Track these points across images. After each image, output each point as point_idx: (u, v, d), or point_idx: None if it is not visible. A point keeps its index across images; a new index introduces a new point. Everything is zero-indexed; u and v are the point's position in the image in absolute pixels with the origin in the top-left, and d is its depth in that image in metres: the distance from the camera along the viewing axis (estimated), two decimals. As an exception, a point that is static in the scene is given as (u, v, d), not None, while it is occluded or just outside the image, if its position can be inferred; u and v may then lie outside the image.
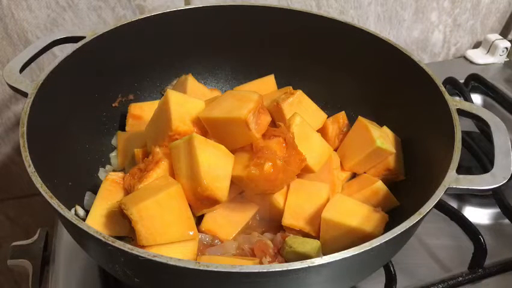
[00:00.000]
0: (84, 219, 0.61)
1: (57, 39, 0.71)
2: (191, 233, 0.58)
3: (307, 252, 0.59)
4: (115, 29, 0.73)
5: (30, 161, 0.52)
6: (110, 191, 0.63)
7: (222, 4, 0.81)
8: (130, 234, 0.59)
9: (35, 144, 0.55)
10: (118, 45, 0.75)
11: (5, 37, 0.82)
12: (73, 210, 0.64)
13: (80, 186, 0.68)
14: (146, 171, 0.62)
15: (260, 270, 0.43)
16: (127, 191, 0.63)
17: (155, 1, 0.87)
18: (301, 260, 0.44)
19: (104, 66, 0.74)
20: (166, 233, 0.56)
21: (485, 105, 1.02)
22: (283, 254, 0.60)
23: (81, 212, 0.65)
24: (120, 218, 0.58)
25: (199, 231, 0.63)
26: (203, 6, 0.80)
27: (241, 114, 0.60)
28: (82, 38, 0.70)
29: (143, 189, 0.59)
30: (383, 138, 0.70)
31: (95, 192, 0.66)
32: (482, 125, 0.64)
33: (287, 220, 0.64)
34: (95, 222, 0.60)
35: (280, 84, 0.85)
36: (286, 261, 0.53)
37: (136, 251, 0.43)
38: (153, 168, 0.62)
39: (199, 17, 0.80)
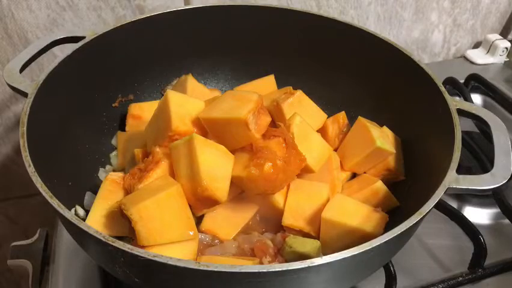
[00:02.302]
0: (84, 219, 0.61)
1: (57, 39, 0.71)
2: (191, 233, 0.58)
3: (307, 252, 0.59)
4: (115, 29, 0.73)
5: (30, 161, 0.52)
6: (110, 191, 0.63)
7: (222, 4, 0.81)
8: (130, 234, 0.59)
9: (35, 144, 0.55)
10: (118, 45, 0.75)
11: (5, 37, 0.82)
12: (72, 210, 0.64)
13: (80, 186, 0.68)
14: (146, 171, 0.62)
15: (260, 270, 0.43)
16: (127, 191, 0.63)
17: (155, 1, 0.87)
18: (301, 260, 0.44)
19: (104, 66, 0.74)
20: (166, 233, 0.56)
21: (485, 105, 1.02)
22: (283, 254, 0.60)
23: (81, 212, 0.65)
24: (120, 218, 0.58)
25: (199, 231, 0.63)
26: (203, 6, 0.80)
27: (241, 115, 0.60)
28: (82, 38, 0.70)
29: (143, 189, 0.59)
30: (383, 138, 0.70)
31: (95, 192, 0.66)
32: (482, 125, 0.64)
33: (287, 220, 0.64)
34: (95, 222, 0.60)
35: (280, 84, 0.85)
36: (286, 261, 0.53)
37: (136, 251, 0.43)
38: (153, 168, 0.62)
39: (199, 17, 0.80)
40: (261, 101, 0.63)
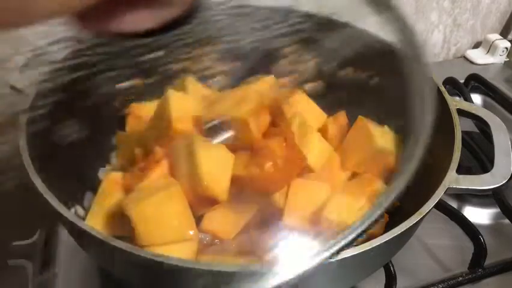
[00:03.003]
0: (84, 219, 0.61)
1: (58, 39, 0.71)
2: (191, 232, 0.58)
3: None
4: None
5: (30, 161, 0.52)
6: (110, 190, 0.63)
7: (222, 4, 0.81)
8: (130, 234, 0.59)
9: (35, 144, 0.55)
10: (119, 46, 0.74)
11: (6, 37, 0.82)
12: (72, 210, 0.64)
13: (80, 186, 0.68)
14: (146, 171, 0.62)
15: (260, 270, 0.43)
16: (127, 191, 0.63)
17: (155, 1, 0.87)
18: None
19: (105, 66, 0.74)
20: (166, 233, 0.56)
21: (485, 105, 1.02)
22: (283, 254, 0.61)
23: (81, 212, 0.65)
24: (120, 218, 0.58)
25: (199, 231, 0.63)
26: (203, 6, 0.79)
27: (241, 114, 0.60)
28: (82, 38, 0.70)
29: (143, 189, 0.59)
30: (384, 137, 0.70)
31: (95, 192, 0.66)
32: (482, 125, 0.64)
33: (287, 220, 0.64)
34: (95, 222, 0.60)
35: (280, 84, 0.85)
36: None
37: (136, 250, 0.43)
38: (153, 168, 0.62)
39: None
40: (261, 100, 0.63)
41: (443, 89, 0.65)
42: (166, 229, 0.56)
